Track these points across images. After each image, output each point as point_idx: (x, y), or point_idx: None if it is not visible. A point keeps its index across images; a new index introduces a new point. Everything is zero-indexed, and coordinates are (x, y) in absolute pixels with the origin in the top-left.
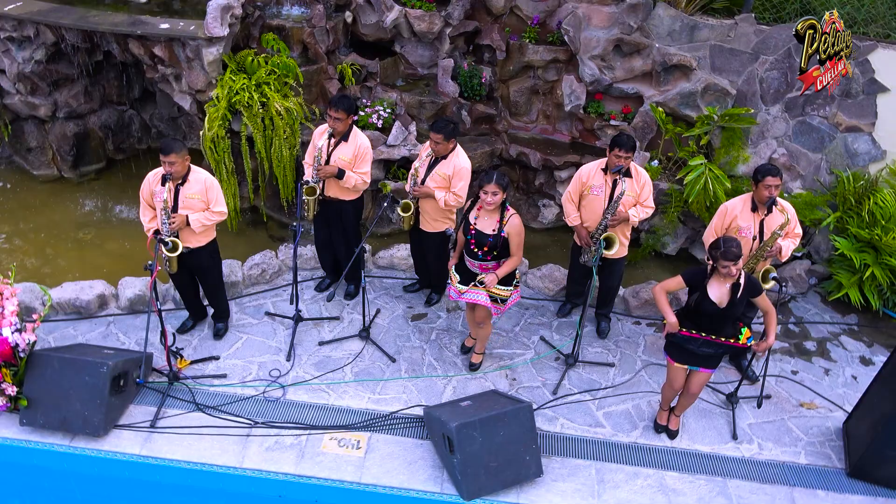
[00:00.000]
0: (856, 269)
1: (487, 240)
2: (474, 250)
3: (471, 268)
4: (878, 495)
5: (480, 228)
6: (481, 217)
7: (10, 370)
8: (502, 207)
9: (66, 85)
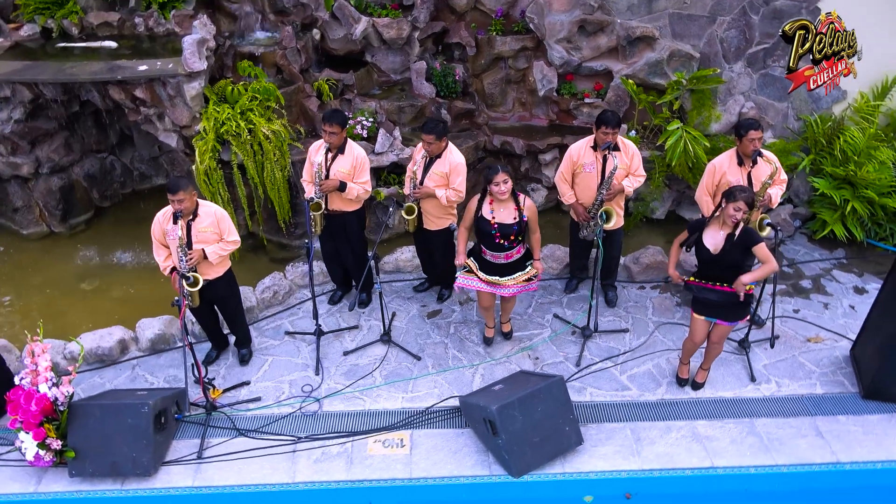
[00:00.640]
0: (837, 205)
1: (512, 229)
2: (500, 242)
3: (494, 261)
4: (894, 412)
5: (501, 220)
6: (496, 210)
7: (53, 425)
8: (513, 194)
9: (45, 140)
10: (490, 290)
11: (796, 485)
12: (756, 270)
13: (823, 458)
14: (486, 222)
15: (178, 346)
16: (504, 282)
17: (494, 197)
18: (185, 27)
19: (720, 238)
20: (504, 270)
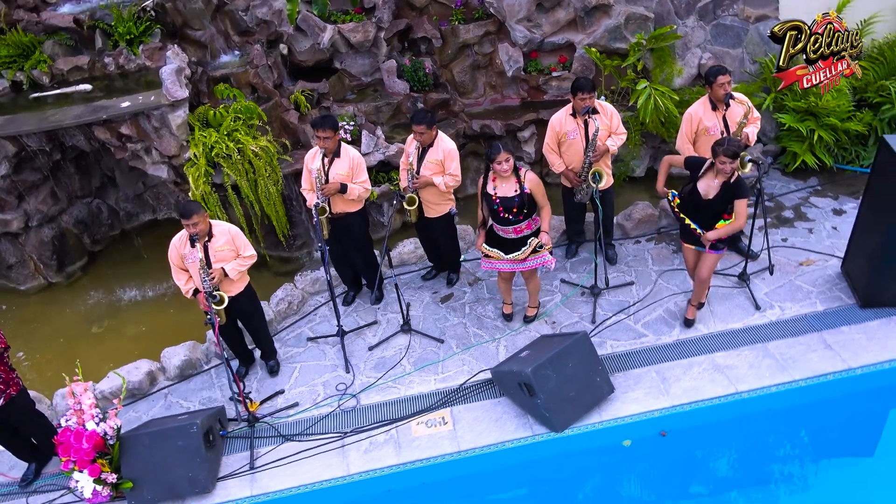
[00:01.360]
0: (803, 136)
1: (514, 201)
2: (505, 216)
3: (505, 235)
4: (891, 315)
5: (503, 195)
6: (499, 185)
7: (106, 459)
8: (515, 170)
9: (32, 192)
10: (507, 267)
11: (814, 396)
12: (724, 227)
13: (835, 367)
14: (489, 198)
15: (206, 369)
16: (511, 257)
17: (497, 174)
18: (155, 60)
19: (714, 185)
20: (514, 246)
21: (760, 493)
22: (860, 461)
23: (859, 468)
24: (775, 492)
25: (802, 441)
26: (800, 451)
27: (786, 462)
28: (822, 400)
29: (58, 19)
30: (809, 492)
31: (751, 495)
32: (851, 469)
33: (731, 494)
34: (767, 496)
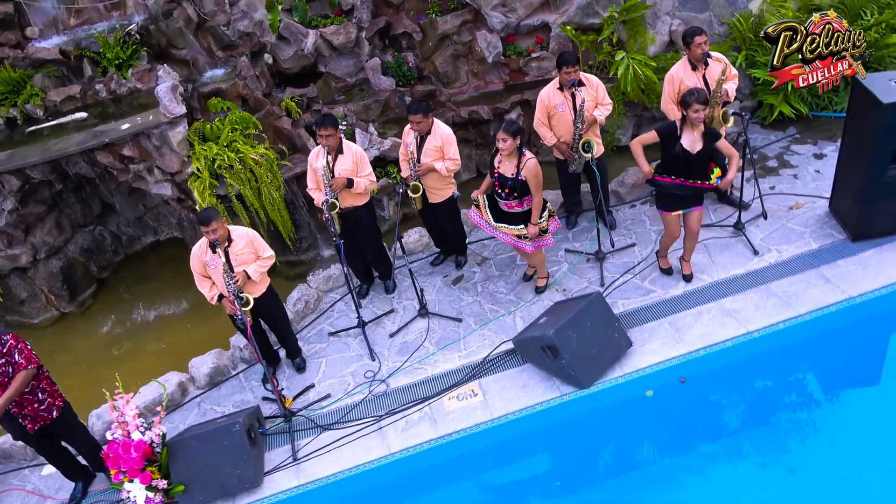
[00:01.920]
0: (777, 89)
1: (507, 182)
2: (499, 191)
3: (500, 206)
4: (880, 245)
5: (502, 172)
6: (503, 162)
7: (154, 466)
8: (519, 151)
9: (37, 225)
10: (489, 230)
11: (820, 328)
12: (731, 168)
13: (836, 298)
14: (492, 170)
15: (234, 374)
16: (500, 226)
17: (502, 152)
18: (146, 81)
19: (697, 138)
20: (504, 218)
21: (780, 428)
22: (868, 386)
23: (868, 393)
24: (794, 424)
25: (814, 373)
26: (812, 383)
27: (800, 394)
28: (827, 331)
29: (44, 53)
30: (826, 420)
31: (772, 430)
32: (861, 394)
33: (753, 432)
34: (787, 429)
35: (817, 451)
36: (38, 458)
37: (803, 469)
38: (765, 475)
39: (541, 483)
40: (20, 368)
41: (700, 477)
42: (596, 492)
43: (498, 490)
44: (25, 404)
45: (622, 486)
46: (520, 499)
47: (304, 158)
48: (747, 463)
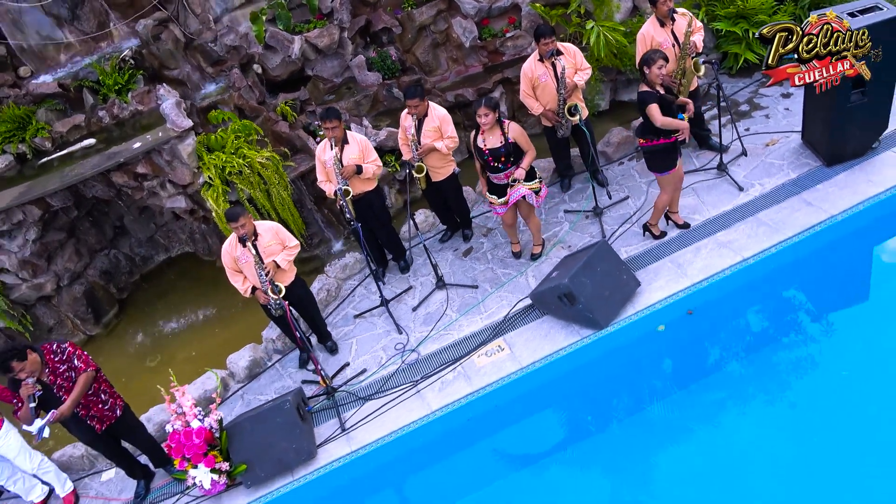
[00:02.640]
0: (740, 38)
1: (500, 151)
2: (494, 164)
3: (498, 182)
4: (853, 166)
5: (491, 146)
6: (486, 137)
7: (216, 450)
8: (499, 122)
9: (58, 253)
10: (499, 210)
11: (808, 248)
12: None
13: (819, 218)
14: (479, 150)
15: (270, 365)
16: (501, 200)
17: (482, 127)
18: (146, 103)
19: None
20: (503, 190)
21: (782, 344)
22: (857, 294)
23: (857, 301)
24: (793, 340)
25: (807, 288)
26: (807, 298)
27: (797, 310)
28: (813, 252)
29: (44, 87)
30: (827, 334)
31: (777, 349)
32: (851, 303)
33: (757, 353)
34: (791, 347)
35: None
36: (96, 466)
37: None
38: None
39: (571, 423)
40: (81, 371)
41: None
42: (624, 425)
43: (533, 435)
44: (91, 406)
45: (647, 417)
46: (554, 441)
47: (306, 158)
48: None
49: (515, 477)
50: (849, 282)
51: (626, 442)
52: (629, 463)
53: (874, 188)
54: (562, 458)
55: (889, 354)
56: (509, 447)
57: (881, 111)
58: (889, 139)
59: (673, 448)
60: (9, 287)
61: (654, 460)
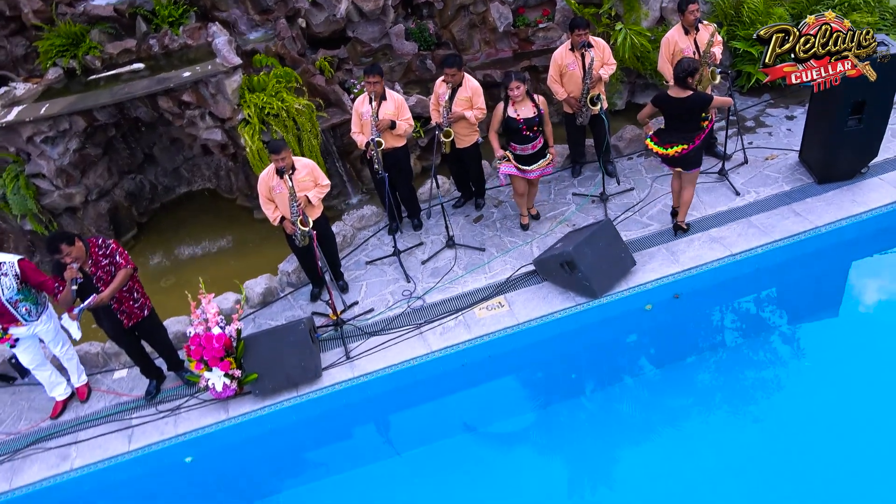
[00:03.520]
0: (755, 59)
1: (534, 120)
2: (527, 134)
3: (523, 153)
4: (841, 186)
5: (524, 116)
6: (518, 109)
7: (231, 357)
8: (529, 95)
9: (91, 167)
10: (522, 175)
11: (791, 253)
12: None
13: (804, 227)
14: (513, 120)
15: (283, 295)
16: (529, 168)
17: (514, 99)
18: (195, 38)
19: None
20: (529, 160)
21: (758, 338)
22: (831, 299)
23: (830, 305)
24: (768, 332)
25: (786, 288)
26: (785, 297)
27: (775, 306)
28: (796, 257)
29: (99, 10)
30: (797, 332)
31: (750, 339)
32: (824, 306)
33: (735, 340)
34: (763, 339)
35: (783, 357)
36: (109, 365)
37: (772, 366)
38: (742, 374)
39: (554, 381)
40: (121, 267)
41: (690, 381)
42: (602, 388)
43: (519, 386)
44: (123, 301)
45: (623, 385)
46: (536, 394)
47: (338, 112)
48: (729, 367)
49: (498, 422)
50: (824, 287)
51: (600, 404)
52: (598, 422)
53: (857, 207)
54: (540, 409)
55: (851, 354)
56: (497, 394)
57: (873, 140)
58: (876, 167)
59: (639, 417)
60: (42, 192)
61: (620, 424)
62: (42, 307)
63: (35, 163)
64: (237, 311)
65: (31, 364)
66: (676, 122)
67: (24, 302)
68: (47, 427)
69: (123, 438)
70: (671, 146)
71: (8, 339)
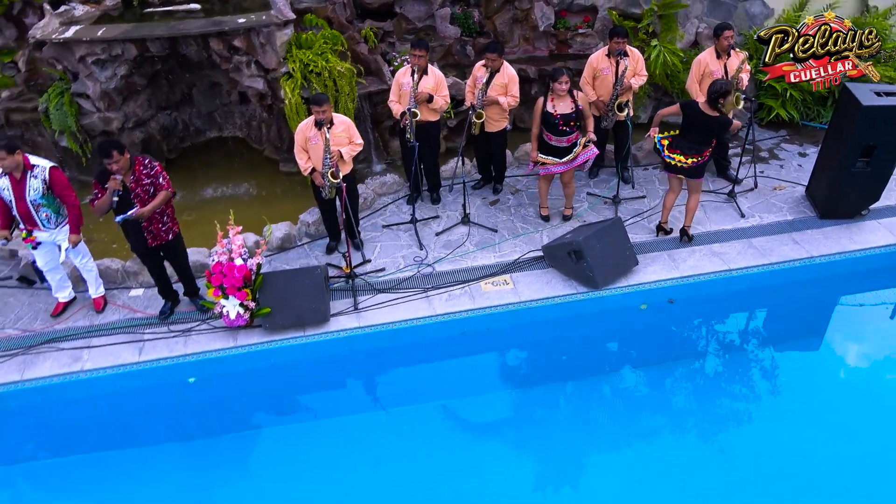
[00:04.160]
0: (778, 94)
1: (571, 116)
2: (563, 128)
3: (559, 145)
4: (841, 224)
5: (562, 111)
6: (557, 104)
7: (248, 289)
8: (569, 92)
9: (133, 97)
10: (561, 168)
11: (785, 278)
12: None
13: (800, 255)
14: (550, 115)
15: (300, 244)
16: (561, 161)
17: (555, 94)
18: None
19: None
20: (563, 152)
21: (741, 348)
22: (817, 322)
23: (814, 328)
24: (753, 345)
25: (775, 306)
26: (773, 315)
27: (761, 323)
28: (789, 282)
29: None
30: (778, 352)
31: (733, 354)
32: (809, 328)
33: (721, 350)
34: (746, 354)
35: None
36: (127, 282)
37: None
38: (719, 383)
39: (546, 359)
40: (162, 189)
41: (670, 382)
42: (590, 375)
43: (512, 360)
44: (153, 221)
45: (609, 377)
46: (526, 369)
47: (376, 81)
48: (710, 375)
49: (486, 391)
50: (810, 313)
51: (585, 388)
52: (577, 405)
53: (853, 245)
54: (525, 385)
55: (825, 381)
56: (490, 364)
57: (878, 184)
58: (876, 211)
59: (615, 408)
60: (83, 112)
61: (595, 411)
62: (62, 218)
63: (82, 82)
64: (261, 246)
65: (45, 267)
66: (694, 133)
67: (46, 208)
68: (62, 330)
69: (134, 350)
70: (686, 157)
71: (32, 240)
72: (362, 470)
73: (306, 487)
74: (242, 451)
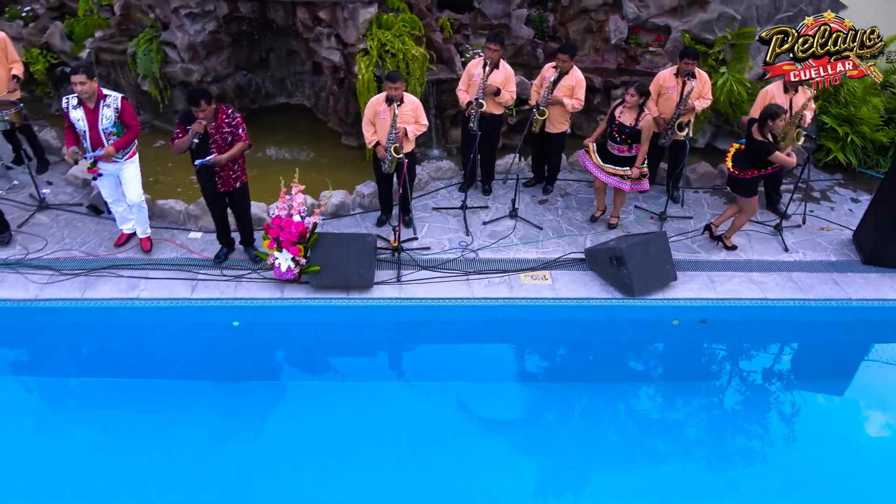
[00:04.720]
0: (839, 137)
1: (625, 129)
2: (616, 135)
3: (612, 151)
4: (884, 272)
5: (622, 121)
6: (624, 113)
7: (301, 245)
8: (640, 107)
9: (216, 53)
10: (601, 176)
11: (820, 315)
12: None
13: (838, 295)
14: (613, 119)
15: (353, 213)
16: (606, 167)
17: (626, 104)
18: None
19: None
20: (615, 160)
21: (766, 381)
22: (846, 366)
23: (843, 370)
24: (778, 381)
25: (806, 346)
26: (803, 351)
27: (791, 359)
28: (825, 320)
29: None
30: (803, 388)
31: (758, 382)
32: (838, 371)
33: (745, 376)
34: (770, 384)
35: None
36: (187, 225)
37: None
38: (741, 413)
39: (572, 357)
40: (240, 140)
41: (693, 405)
42: (613, 381)
43: (543, 353)
44: (226, 168)
45: (633, 385)
46: (557, 362)
47: (446, 69)
48: (731, 399)
49: (510, 379)
50: (840, 355)
51: (608, 393)
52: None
53: (894, 294)
54: (549, 378)
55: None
56: (517, 353)
57: None
58: None
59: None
60: (168, 61)
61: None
62: (126, 152)
63: (172, 32)
64: (320, 206)
65: (110, 198)
66: (751, 153)
67: (116, 136)
68: (122, 258)
69: (187, 287)
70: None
71: (95, 171)
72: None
73: (317, 442)
74: (269, 400)
